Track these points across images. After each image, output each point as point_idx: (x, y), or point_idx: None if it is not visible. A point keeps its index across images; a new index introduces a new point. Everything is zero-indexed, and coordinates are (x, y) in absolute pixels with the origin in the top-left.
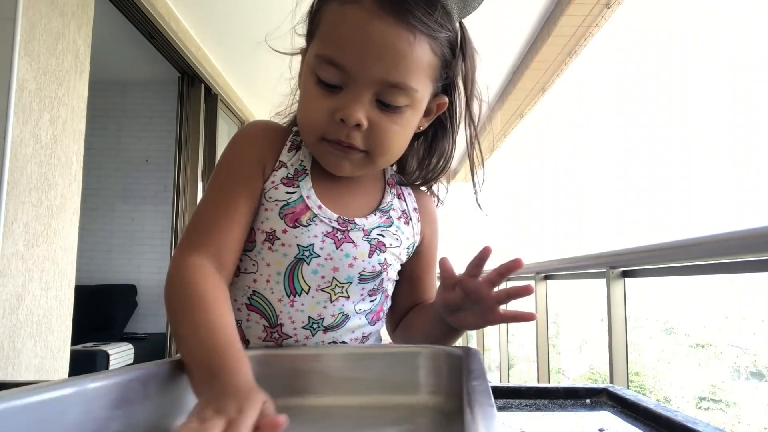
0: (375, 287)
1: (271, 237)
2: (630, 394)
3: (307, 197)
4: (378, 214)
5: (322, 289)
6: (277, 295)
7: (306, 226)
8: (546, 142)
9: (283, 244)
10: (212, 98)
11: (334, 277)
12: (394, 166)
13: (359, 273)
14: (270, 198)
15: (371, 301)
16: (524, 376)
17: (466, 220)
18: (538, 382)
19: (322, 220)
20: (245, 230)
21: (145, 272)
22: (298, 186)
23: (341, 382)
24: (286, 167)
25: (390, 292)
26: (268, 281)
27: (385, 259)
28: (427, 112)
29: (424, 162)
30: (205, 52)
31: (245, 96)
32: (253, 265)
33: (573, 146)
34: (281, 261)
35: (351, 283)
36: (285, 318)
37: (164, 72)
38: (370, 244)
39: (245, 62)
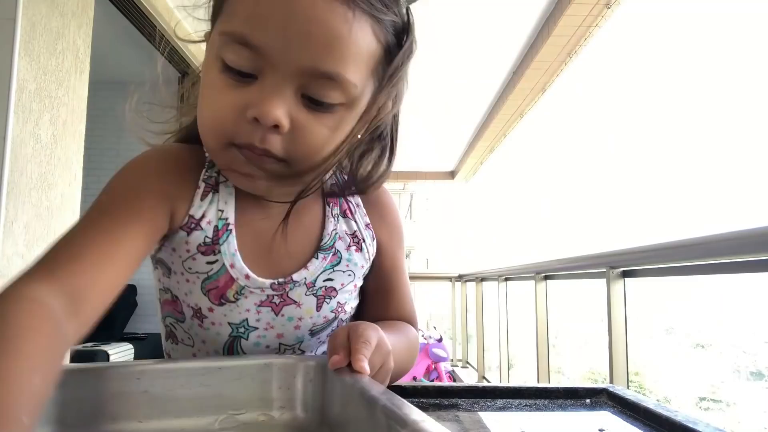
0: (334, 328)
1: (198, 314)
2: (630, 394)
3: (231, 266)
4: (321, 255)
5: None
6: None
7: (234, 302)
8: (546, 142)
9: (213, 323)
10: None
11: (280, 343)
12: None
13: (309, 330)
14: (190, 269)
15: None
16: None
17: (465, 220)
18: (538, 382)
19: (252, 291)
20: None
21: (145, 272)
22: (220, 252)
23: (171, 402)
24: (202, 228)
25: (354, 313)
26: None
27: (338, 302)
28: (366, 115)
29: (356, 172)
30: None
31: None
32: (189, 338)
33: (573, 146)
34: (216, 339)
35: (302, 341)
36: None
37: (164, 72)
38: (317, 297)
39: None
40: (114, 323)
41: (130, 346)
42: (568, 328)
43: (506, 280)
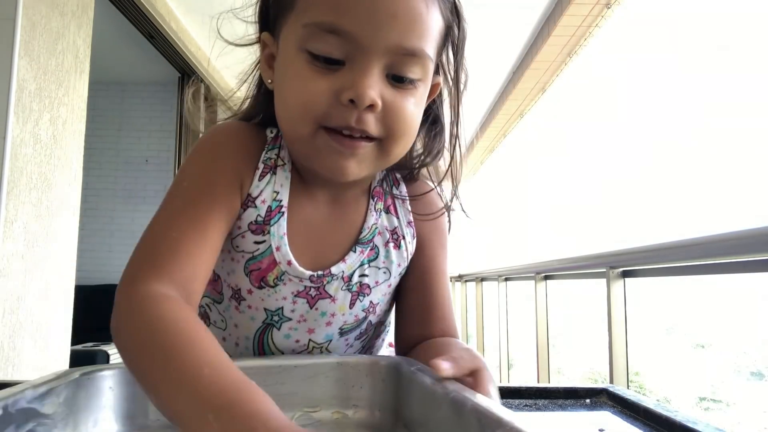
0: (362, 331)
1: (237, 295)
2: (630, 394)
3: (277, 248)
4: (359, 248)
5: (297, 353)
6: None
7: (273, 287)
8: (546, 142)
9: (249, 306)
10: (212, 98)
11: (310, 339)
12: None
13: (339, 328)
14: (237, 247)
15: (361, 342)
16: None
17: (465, 220)
18: (538, 382)
19: (291, 279)
20: (214, 260)
21: None
22: (269, 233)
23: None
24: (256, 206)
25: (386, 320)
26: (237, 344)
27: (370, 302)
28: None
29: (412, 159)
30: (204, 52)
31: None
32: (222, 320)
33: (573, 146)
34: (249, 325)
35: (331, 340)
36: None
37: (164, 72)
38: (351, 292)
39: (245, 61)
40: None
41: None
42: (568, 328)
43: (506, 280)
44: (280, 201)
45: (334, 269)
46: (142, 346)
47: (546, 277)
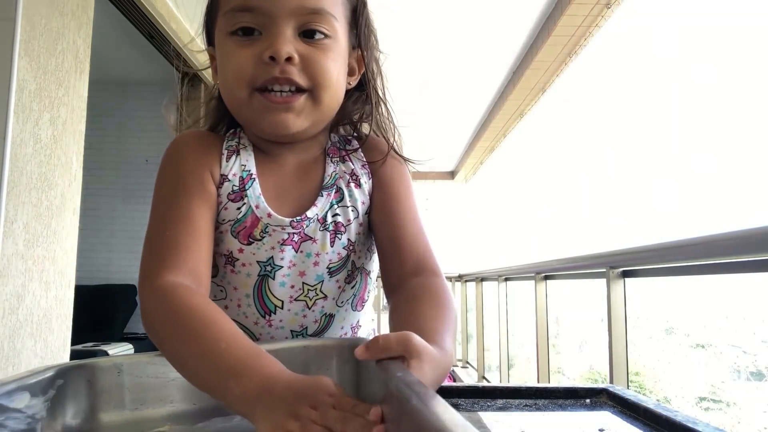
0: (349, 273)
1: (230, 259)
2: (630, 394)
3: (256, 206)
4: (325, 193)
5: (296, 299)
6: (252, 319)
7: (260, 240)
8: (546, 142)
9: (243, 264)
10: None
11: (303, 283)
12: (335, 136)
13: (327, 267)
14: (223, 220)
15: (352, 288)
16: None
17: (465, 220)
18: (538, 382)
19: (275, 229)
20: (212, 242)
21: None
22: (246, 196)
23: None
24: (229, 180)
25: (371, 268)
26: (239, 305)
27: (348, 239)
28: (350, 71)
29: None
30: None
31: None
32: (221, 291)
33: (573, 146)
34: (246, 282)
35: (322, 281)
36: (266, 339)
37: (164, 72)
38: (328, 232)
39: None
40: (114, 323)
41: (130, 346)
42: (568, 328)
43: (506, 280)
44: (249, 171)
45: (309, 213)
46: (167, 330)
47: (546, 277)
